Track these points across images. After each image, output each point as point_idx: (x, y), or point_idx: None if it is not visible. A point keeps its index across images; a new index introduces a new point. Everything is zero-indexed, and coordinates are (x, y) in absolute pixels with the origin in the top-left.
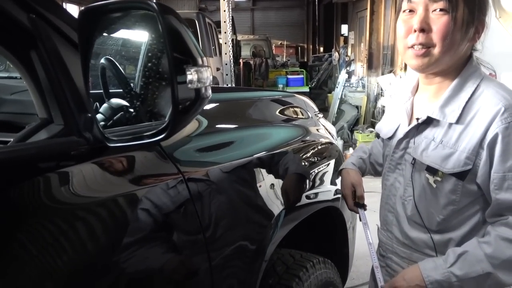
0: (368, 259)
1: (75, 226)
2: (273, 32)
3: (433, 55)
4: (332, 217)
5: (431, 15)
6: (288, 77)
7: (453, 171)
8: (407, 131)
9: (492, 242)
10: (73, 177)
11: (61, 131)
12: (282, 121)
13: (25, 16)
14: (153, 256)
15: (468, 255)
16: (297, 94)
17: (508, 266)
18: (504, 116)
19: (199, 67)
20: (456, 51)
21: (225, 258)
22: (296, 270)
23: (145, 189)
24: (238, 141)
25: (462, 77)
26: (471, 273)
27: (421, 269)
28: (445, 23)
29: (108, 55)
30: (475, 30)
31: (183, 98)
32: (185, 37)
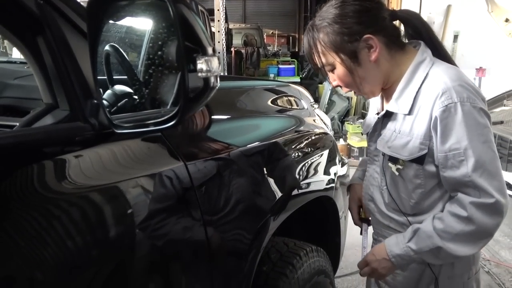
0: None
1: (80, 211)
2: (265, 21)
3: (362, 93)
4: (325, 207)
5: (330, 74)
6: (280, 67)
7: (411, 157)
8: (374, 125)
9: (444, 218)
10: (78, 163)
11: (67, 117)
12: (276, 111)
13: (33, 2)
14: (152, 241)
15: (420, 232)
16: (292, 84)
17: (458, 239)
18: (441, 99)
19: (209, 57)
20: (372, 76)
21: (224, 245)
22: (290, 258)
23: (148, 176)
24: (232, 131)
25: (411, 68)
26: (424, 248)
27: (386, 245)
28: (340, 78)
29: (113, 42)
30: (367, 52)
31: (192, 86)
32: (195, 26)
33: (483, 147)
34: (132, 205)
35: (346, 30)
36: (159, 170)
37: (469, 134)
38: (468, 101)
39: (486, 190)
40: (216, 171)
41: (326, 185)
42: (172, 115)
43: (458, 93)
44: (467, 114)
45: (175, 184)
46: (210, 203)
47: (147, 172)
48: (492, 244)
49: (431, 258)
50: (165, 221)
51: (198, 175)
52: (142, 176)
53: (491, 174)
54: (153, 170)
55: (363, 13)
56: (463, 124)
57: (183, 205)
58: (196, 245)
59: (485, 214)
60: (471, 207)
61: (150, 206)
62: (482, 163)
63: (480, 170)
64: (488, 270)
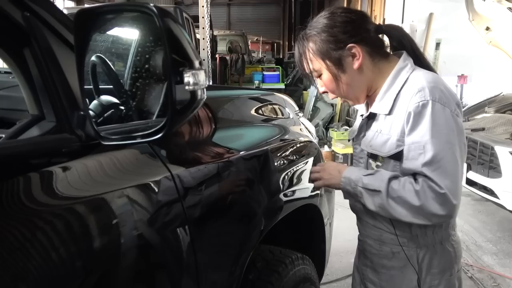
0: (341, 255)
1: (67, 223)
2: (249, 27)
3: (348, 99)
4: (310, 214)
5: (318, 80)
6: (264, 74)
7: (389, 154)
8: (359, 128)
9: (401, 181)
10: (64, 175)
11: (53, 128)
12: (261, 120)
13: (20, 14)
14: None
15: (379, 173)
16: (276, 93)
17: (399, 201)
18: (416, 97)
19: (195, 70)
20: (357, 83)
21: (211, 256)
22: (275, 266)
23: (135, 186)
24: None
25: (393, 74)
26: (371, 185)
27: (348, 167)
28: (326, 85)
29: (100, 52)
30: (351, 59)
31: (180, 99)
32: (182, 40)
33: (443, 146)
34: (118, 216)
35: (332, 38)
36: (145, 181)
37: (433, 131)
38: (440, 102)
39: (437, 183)
40: (204, 181)
41: (311, 192)
42: (160, 127)
43: (432, 93)
44: (436, 113)
45: (161, 195)
46: (196, 213)
47: (134, 183)
48: (475, 250)
49: (368, 199)
50: (151, 232)
51: (185, 185)
52: (129, 187)
53: (445, 173)
54: (140, 180)
55: (348, 24)
56: (430, 120)
57: (169, 215)
58: (183, 256)
59: (433, 198)
60: (424, 184)
61: (136, 217)
62: (438, 160)
63: (435, 166)
64: (471, 275)
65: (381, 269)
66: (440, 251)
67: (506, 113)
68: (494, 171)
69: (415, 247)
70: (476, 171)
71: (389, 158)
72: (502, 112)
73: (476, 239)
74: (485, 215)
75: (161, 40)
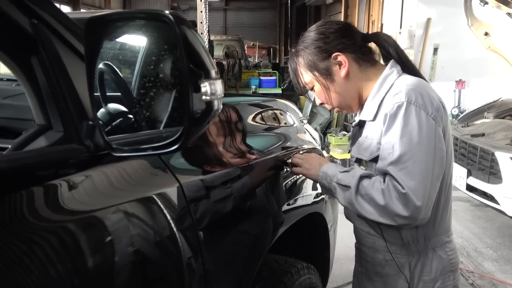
0: (342, 262)
1: (75, 235)
2: (246, 32)
3: (339, 106)
4: (315, 222)
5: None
6: (261, 78)
7: (371, 157)
8: (353, 135)
9: (372, 179)
10: (73, 187)
11: (61, 138)
12: (266, 127)
13: (27, 21)
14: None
15: (353, 170)
16: (281, 99)
17: (367, 199)
18: (394, 99)
19: (212, 80)
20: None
21: (220, 266)
22: (281, 275)
23: (144, 197)
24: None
25: (379, 81)
26: (343, 181)
27: (329, 162)
28: (320, 96)
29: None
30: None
31: (196, 110)
32: (199, 48)
33: (412, 147)
34: (129, 229)
35: (317, 50)
36: (155, 192)
37: (403, 131)
38: (415, 104)
39: (399, 182)
40: (213, 191)
41: (316, 200)
42: (175, 138)
43: (408, 95)
44: (409, 114)
45: (171, 206)
46: (206, 224)
47: (144, 195)
48: (475, 256)
49: (340, 194)
50: (160, 244)
51: (194, 196)
52: (138, 199)
53: (411, 173)
54: (150, 192)
55: (332, 34)
56: (401, 121)
57: (178, 227)
58: (192, 267)
59: (396, 197)
60: (389, 183)
61: (145, 229)
62: (405, 160)
63: (401, 166)
64: (472, 282)
65: (375, 277)
66: (433, 258)
67: (505, 118)
68: (494, 177)
69: (407, 255)
70: (477, 177)
71: (371, 161)
72: (501, 118)
73: (476, 245)
74: (484, 221)
75: (178, 48)
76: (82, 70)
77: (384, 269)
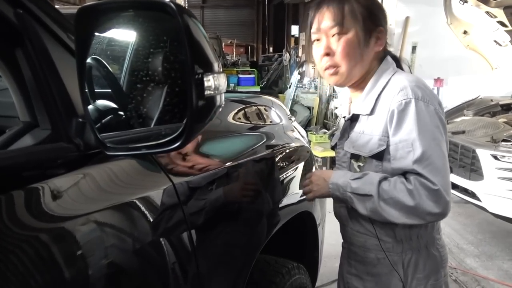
0: (325, 260)
1: (64, 237)
2: (223, 30)
3: (342, 73)
4: (303, 220)
5: (331, 40)
6: (239, 76)
7: (371, 153)
8: (342, 130)
9: (391, 181)
10: (62, 188)
11: (48, 137)
12: (253, 125)
13: (12, 11)
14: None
15: (368, 176)
16: (266, 96)
17: (392, 203)
18: (399, 95)
19: (216, 74)
20: (362, 63)
21: (214, 266)
22: (272, 276)
23: (137, 198)
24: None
25: (376, 75)
26: (361, 190)
27: (334, 172)
28: (344, 45)
29: (98, 55)
30: (375, 40)
31: (199, 105)
32: (202, 41)
33: (430, 143)
34: (119, 229)
35: (373, 13)
36: (148, 192)
37: (419, 128)
38: (422, 100)
39: (429, 179)
40: (206, 191)
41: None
42: (176, 135)
43: (414, 91)
44: (420, 111)
45: (163, 206)
46: (199, 223)
47: (137, 195)
48: (458, 252)
49: (359, 204)
50: (152, 246)
51: (187, 196)
52: (132, 200)
53: (436, 169)
54: (143, 192)
55: (382, 12)
56: (415, 118)
57: (171, 228)
58: (185, 268)
59: (426, 196)
60: (416, 183)
61: (138, 230)
62: (427, 156)
63: (425, 163)
64: (456, 278)
65: (366, 276)
66: (426, 256)
67: (484, 115)
68: (475, 173)
69: (400, 252)
70: (457, 174)
71: (371, 158)
72: (480, 115)
73: (458, 241)
74: (464, 217)
75: (180, 40)
76: (70, 64)
77: (375, 268)
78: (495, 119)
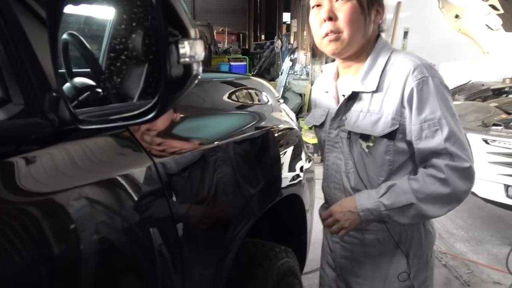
0: (316, 246)
1: (34, 219)
2: (215, 18)
3: (344, 39)
4: (291, 204)
5: (335, 5)
6: (231, 64)
7: (383, 133)
8: (337, 110)
9: (419, 179)
10: (35, 164)
11: (21, 112)
12: (240, 104)
13: None
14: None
15: (396, 187)
16: (255, 78)
17: (431, 199)
18: (414, 74)
19: (192, 40)
20: (363, 33)
21: (198, 249)
22: (260, 259)
23: (115, 176)
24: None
25: (375, 52)
26: (397, 203)
27: (356, 198)
28: (349, 10)
29: (73, 29)
30: (376, 13)
31: (174, 75)
32: (176, 4)
33: (453, 119)
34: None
35: None
36: (126, 171)
37: (442, 106)
38: (437, 77)
39: (460, 156)
40: (186, 170)
41: (294, 182)
42: (150, 106)
43: (428, 70)
44: (438, 88)
45: (144, 185)
46: (181, 205)
47: (114, 174)
48: (447, 237)
49: (400, 216)
50: (132, 225)
51: (168, 174)
52: (107, 178)
53: (462, 144)
54: (120, 171)
55: None
56: (436, 96)
57: (153, 208)
58: (168, 250)
59: (459, 177)
60: (448, 169)
61: (118, 208)
62: (454, 133)
63: (453, 139)
64: (445, 263)
65: (363, 259)
66: (424, 232)
67: (475, 100)
68: None
69: (399, 231)
70: None
71: (381, 137)
72: (472, 100)
73: (448, 226)
74: None
75: (153, 4)
76: (44, 36)
77: (374, 248)
78: (486, 103)
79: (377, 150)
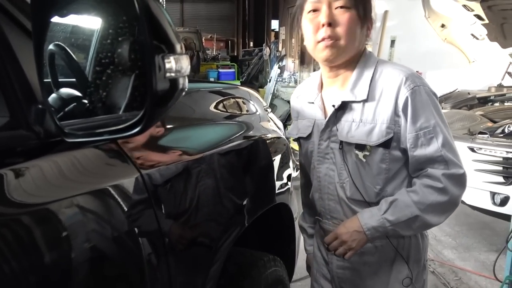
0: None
1: (20, 231)
2: (203, 25)
3: (340, 46)
4: (280, 212)
5: (334, 12)
6: (220, 71)
7: (379, 142)
8: (327, 121)
9: (417, 190)
10: (20, 177)
11: (7, 124)
12: (228, 114)
13: None
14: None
15: (398, 202)
16: (243, 87)
17: (432, 209)
18: (407, 83)
19: (177, 55)
20: (356, 44)
21: (184, 258)
22: (248, 269)
23: (101, 188)
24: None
25: (362, 62)
26: (402, 217)
27: (359, 218)
28: (349, 18)
29: (59, 40)
30: (367, 27)
31: (160, 89)
32: (162, 20)
33: (445, 126)
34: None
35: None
36: (113, 183)
37: (435, 114)
38: (427, 86)
39: (455, 162)
40: (173, 181)
41: (282, 191)
42: (136, 120)
43: (418, 79)
44: (430, 97)
45: (131, 197)
46: (168, 215)
47: (101, 185)
48: (435, 244)
49: (405, 229)
50: (120, 238)
51: (155, 186)
52: (94, 190)
53: (455, 150)
54: (107, 183)
55: None
56: (430, 104)
57: (140, 220)
58: (154, 260)
59: (455, 184)
60: (444, 178)
61: (105, 220)
62: (448, 139)
63: (448, 146)
64: (433, 270)
65: (362, 267)
66: (420, 238)
67: (462, 108)
68: None
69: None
70: None
71: (377, 146)
72: (458, 108)
73: (436, 233)
74: None
75: (139, 19)
76: (30, 49)
77: (373, 256)
78: (472, 112)
79: (373, 159)
